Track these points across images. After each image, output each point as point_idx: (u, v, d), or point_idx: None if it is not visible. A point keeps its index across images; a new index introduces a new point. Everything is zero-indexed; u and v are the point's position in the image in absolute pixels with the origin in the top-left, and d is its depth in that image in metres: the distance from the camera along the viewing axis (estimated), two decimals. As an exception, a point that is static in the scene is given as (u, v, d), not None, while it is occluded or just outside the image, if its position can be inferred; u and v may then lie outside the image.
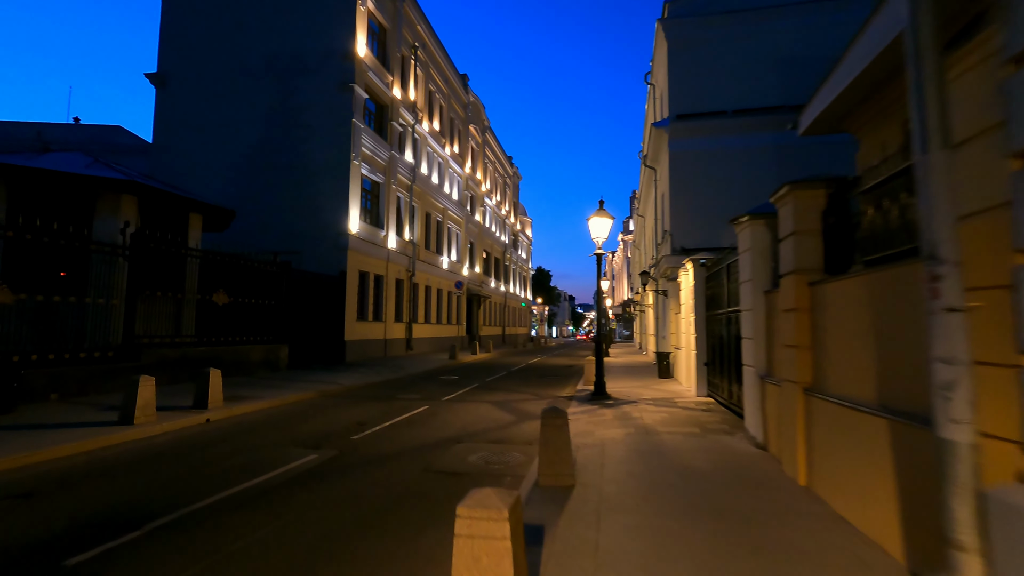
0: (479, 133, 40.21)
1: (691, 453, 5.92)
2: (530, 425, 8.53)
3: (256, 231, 19.88)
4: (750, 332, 6.39)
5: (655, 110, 19.44)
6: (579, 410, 9.65)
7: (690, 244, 14.98)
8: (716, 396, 9.93)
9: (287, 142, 20.71)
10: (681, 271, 12.23)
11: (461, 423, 8.72)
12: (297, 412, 9.62)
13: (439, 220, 30.80)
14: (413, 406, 10.41)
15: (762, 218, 6.28)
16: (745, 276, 6.54)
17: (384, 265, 22.85)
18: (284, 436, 7.58)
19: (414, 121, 26.22)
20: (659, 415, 8.66)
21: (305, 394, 11.31)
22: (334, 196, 19.89)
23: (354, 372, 15.80)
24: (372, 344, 21.74)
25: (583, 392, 11.93)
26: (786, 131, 14.98)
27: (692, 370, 11.11)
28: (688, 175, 15.20)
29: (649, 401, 10.32)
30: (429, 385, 13.96)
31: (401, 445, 7.10)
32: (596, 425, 8.02)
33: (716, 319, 9.82)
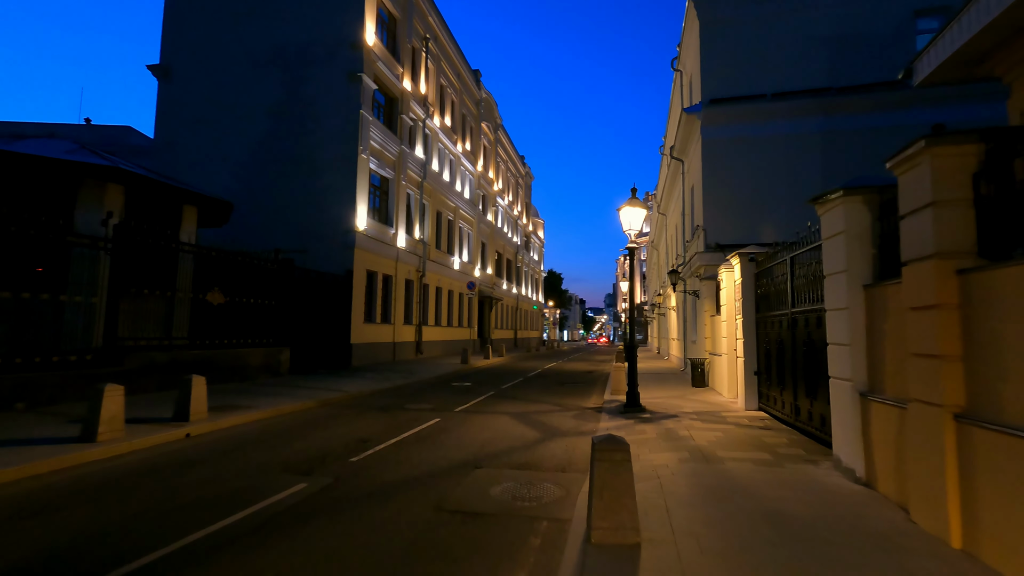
0: (491, 131, 39.15)
1: (774, 491, 4.66)
2: (559, 444, 7.31)
3: (261, 228, 18.92)
4: (842, 337, 5.12)
5: (682, 98, 18.17)
6: (612, 425, 8.40)
7: (726, 240, 13.67)
8: (771, 410, 8.62)
9: (293, 135, 19.74)
10: (722, 268, 10.94)
11: (478, 441, 7.52)
12: (293, 425, 8.48)
13: (450, 219, 29.71)
14: (423, 418, 9.23)
15: (859, 193, 5.01)
16: (834, 267, 5.27)
17: (393, 265, 21.77)
18: (272, 457, 6.42)
19: (425, 116, 25.18)
20: (711, 434, 7.38)
21: (305, 403, 10.18)
22: (341, 191, 18.86)
23: (360, 378, 14.67)
24: (380, 347, 20.64)
25: (612, 403, 10.67)
26: (834, 115, 13.69)
27: (738, 380, 9.80)
28: (722, 165, 13.90)
29: (692, 415, 9.03)
30: (440, 393, 12.78)
31: (409, 470, 5.90)
32: (639, 446, 6.77)
33: (771, 321, 8.53)
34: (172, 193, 11.95)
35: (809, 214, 13.16)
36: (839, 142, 13.36)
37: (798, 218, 13.59)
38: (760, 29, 14.23)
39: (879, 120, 13.19)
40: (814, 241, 6.51)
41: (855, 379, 4.94)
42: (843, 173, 13.52)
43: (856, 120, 13.33)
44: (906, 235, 4.07)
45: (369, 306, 20.03)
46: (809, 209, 13.03)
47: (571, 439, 7.65)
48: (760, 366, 9.16)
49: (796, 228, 13.22)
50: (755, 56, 14.19)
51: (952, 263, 3.63)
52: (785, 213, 13.35)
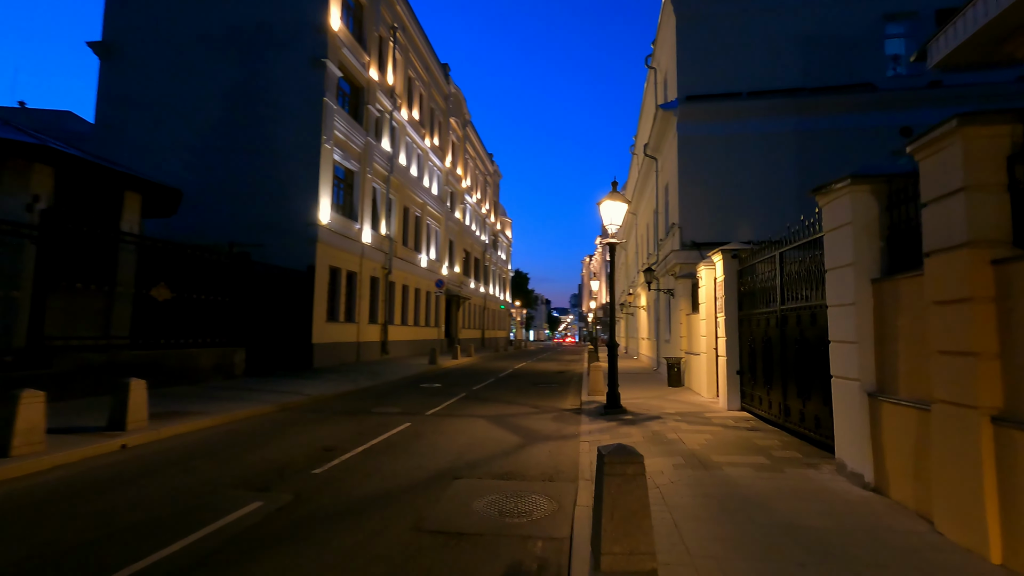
0: (460, 127, 38.43)
1: (784, 502, 4.31)
2: (541, 450, 6.83)
3: (215, 221, 17.73)
4: (847, 334, 4.85)
5: (656, 95, 18.06)
6: (595, 428, 8.00)
7: (701, 238, 13.55)
8: (755, 410, 8.42)
9: (251, 122, 18.57)
10: (701, 266, 10.74)
11: (455, 447, 6.96)
12: (248, 433, 7.69)
13: (418, 215, 28.88)
14: (393, 423, 8.59)
15: (867, 182, 4.74)
16: (839, 260, 4.99)
17: (358, 261, 20.84)
18: (223, 471, 5.68)
19: (392, 108, 24.31)
20: (700, 436, 7.07)
21: (262, 408, 9.35)
22: (303, 183, 17.84)
23: (323, 380, 13.82)
24: (343, 348, 19.70)
25: (591, 404, 10.29)
26: (807, 115, 13.77)
27: (719, 379, 9.59)
28: (698, 162, 13.78)
29: (675, 416, 8.73)
30: (410, 395, 12.12)
31: (380, 483, 5.30)
32: (628, 451, 6.37)
33: (755, 319, 8.32)
34: (111, 177, 10.85)
35: (784, 214, 13.16)
36: (812, 142, 13.44)
37: (773, 217, 13.66)
38: (736, 26, 14.20)
39: (850, 121, 13.35)
40: (808, 235, 6.27)
41: (863, 379, 4.66)
42: (817, 173, 13.59)
43: (828, 121, 13.44)
44: (930, 224, 3.79)
45: (332, 304, 19.07)
46: (784, 209, 13.03)
47: (554, 444, 7.20)
48: (743, 365, 8.96)
49: (771, 227, 13.23)
50: (731, 54, 14.14)
51: (986, 252, 3.35)
52: (760, 212, 13.35)
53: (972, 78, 12.99)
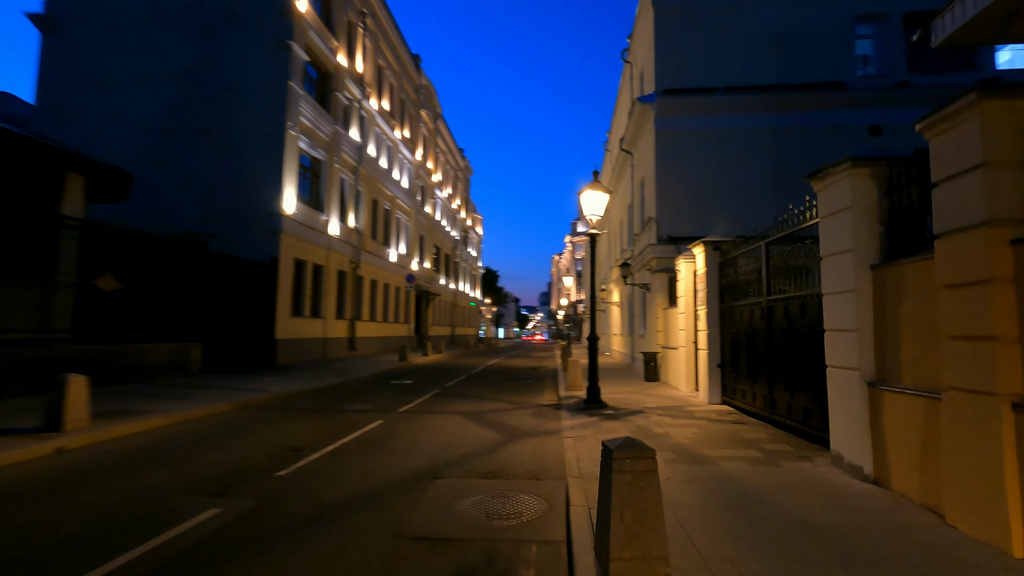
0: (431, 120, 37.71)
1: (788, 496, 4.11)
2: (524, 446, 6.50)
3: (170, 208, 16.69)
4: (845, 322, 4.70)
5: (632, 90, 17.99)
6: (576, 423, 7.73)
7: (678, 233, 13.50)
8: (737, 403, 8.31)
9: (210, 106, 17.53)
10: (681, 259, 10.62)
11: (432, 445, 6.55)
12: (205, 434, 7.07)
13: (387, 208, 28.11)
14: (364, 420, 8.10)
15: (868, 165, 4.60)
16: (837, 246, 4.84)
17: (325, 254, 20.04)
18: (176, 475, 5.12)
19: (361, 96, 23.52)
20: (686, 430, 6.88)
21: (220, 406, 8.69)
22: (266, 171, 16.97)
23: (287, 377, 13.12)
24: (309, 344, 18.90)
25: (570, 399, 10.03)
26: (781, 112, 13.88)
27: (699, 373, 9.49)
28: (676, 157, 13.72)
29: (657, 410, 8.55)
30: (380, 392, 11.60)
31: (353, 485, 4.86)
32: (614, 446, 6.12)
33: (738, 311, 8.21)
34: (50, 156, 9.91)
35: (759, 210, 13.21)
36: (786, 139, 13.56)
37: (748, 213, 13.71)
38: (713, 22, 14.20)
39: (822, 119, 13.53)
40: (798, 224, 6.13)
41: (862, 368, 4.52)
42: (790, 170, 13.76)
43: (801, 118, 13.58)
44: (942, 204, 3.63)
45: (297, 298, 18.25)
46: (759, 205, 13.07)
47: (536, 440, 6.88)
48: (724, 359, 8.86)
49: (747, 223, 13.27)
50: (708, 49, 14.13)
51: (1006, 232, 3.20)
52: (735, 208, 13.39)
53: (937, 80, 13.36)
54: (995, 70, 13.40)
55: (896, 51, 13.73)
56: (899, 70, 13.64)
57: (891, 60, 13.77)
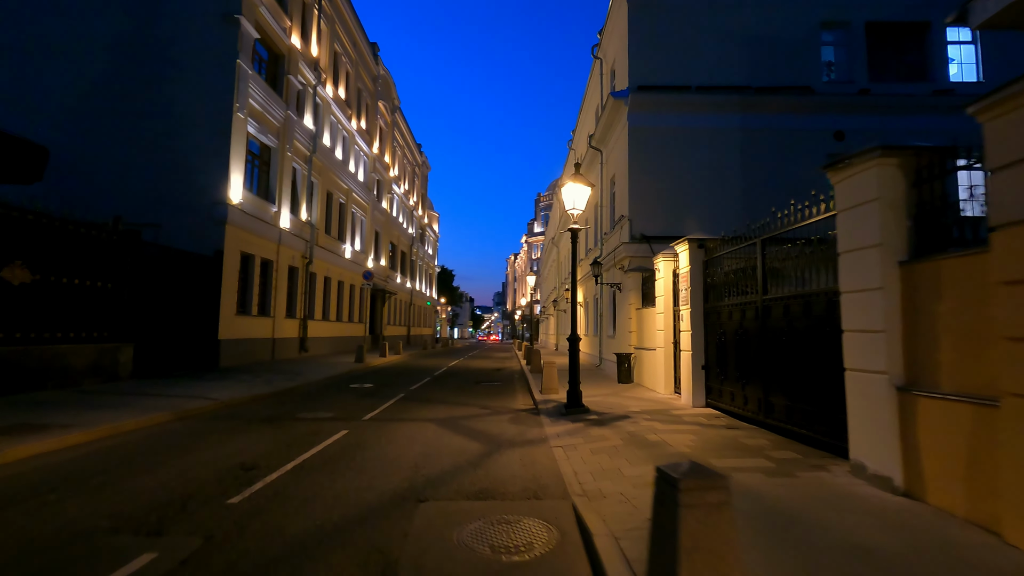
0: (388, 112, 36.40)
1: (823, 513, 3.72)
2: (511, 458, 5.90)
3: (99, 193, 15.01)
4: (871, 322, 4.39)
5: (602, 87, 17.74)
6: (561, 429, 7.21)
7: (651, 232, 13.29)
8: (724, 406, 8.04)
9: (144, 81, 15.88)
10: (660, 257, 10.33)
11: (409, 459, 5.84)
12: (137, 451, 6.04)
13: (342, 202, 26.74)
14: (326, 430, 7.25)
15: (897, 155, 4.30)
16: (860, 241, 4.53)
17: (275, 248, 18.65)
18: (99, 506, 4.19)
19: (316, 82, 22.17)
20: (680, 436, 6.49)
21: (155, 416, 7.58)
22: (210, 156, 15.52)
23: (233, 380, 11.91)
24: (256, 344, 17.50)
25: (548, 403, 9.51)
26: (752, 114, 13.92)
27: (684, 374, 9.18)
28: (648, 154, 13.51)
29: (643, 415, 8.16)
30: (340, 397, 10.67)
31: (324, 513, 4.10)
32: (612, 456, 5.62)
33: (726, 311, 7.94)
34: (-53, 124, 8.41)
35: (729, 211, 13.19)
36: (756, 141, 13.62)
37: (719, 214, 13.67)
38: (686, 19, 14.10)
39: (791, 122, 13.68)
40: (802, 219, 5.85)
41: (891, 371, 4.21)
42: (761, 171, 13.83)
43: (771, 120, 13.68)
44: (1001, 193, 3.32)
45: (244, 295, 16.85)
46: (729, 206, 13.02)
47: (522, 450, 6.29)
48: (709, 360, 8.58)
49: (718, 223, 13.18)
50: (681, 47, 14.02)
51: (1084, 223, 2.89)
52: (707, 208, 13.33)
53: (896, 88, 13.80)
54: (948, 82, 13.99)
55: (858, 59, 14.09)
56: (861, 78, 13.99)
57: (853, 67, 14.11)
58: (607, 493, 4.43)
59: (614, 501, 4.20)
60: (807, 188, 13.97)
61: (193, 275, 14.04)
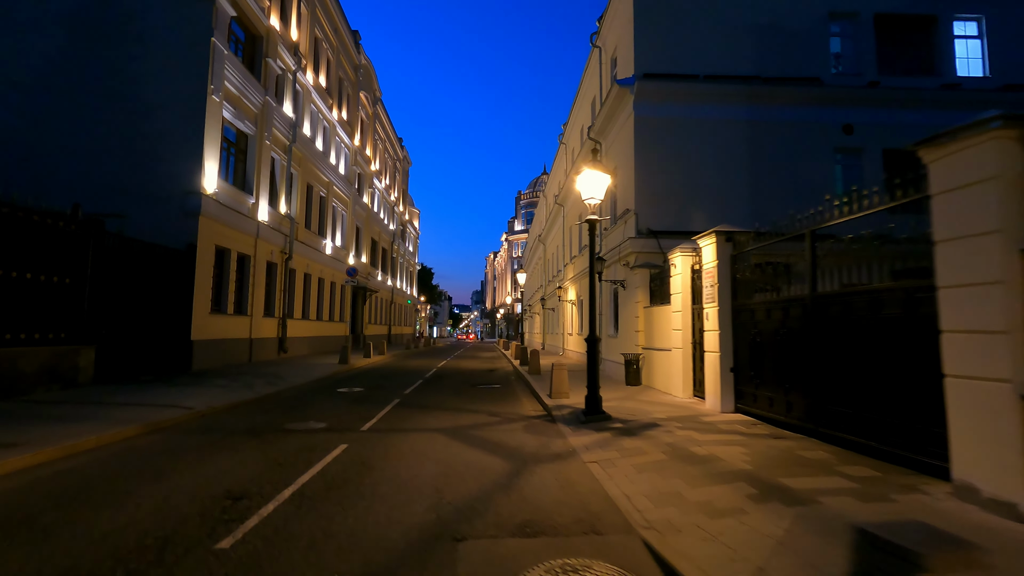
0: (370, 104, 35.17)
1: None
2: (543, 478, 5.13)
3: (57, 181, 13.81)
4: (987, 321, 3.78)
5: (601, 77, 17.07)
6: (588, 440, 6.49)
7: (659, 226, 12.68)
8: (759, 412, 7.43)
9: (107, 59, 14.57)
10: (677, 252, 9.71)
11: (425, 481, 5.02)
12: (99, 475, 5.07)
13: (323, 195, 25.53)
14: (322, 445, 6.36)
15: (1017, 126, 3.68)
16: (970, 227, 3.91)
17: (252, 242, 17.45)
18: (46, 561, 3.26)
19: (296, 67, 20.97)
20: (729, 448, 5.82)
21: (120, 430, 6.57)
22: (181, 141, 14.31)
23: (208, 385, 10.83)
24: (232, 345, 16.31)
25: (562, 409, 8.76)
26: (759, 105, 13.36)
27: (709, 377, 8.56)
28: (655, 145, 12.88)
29: (671, 422, 7.48)
30: (329, 403, 9.74)
31: (340, 562, 3.27)
32: (660, 474, 4.91)
33: (762, 310, 7.32)
34: None
35: (736, 205, 12.67)
36: (764, 133, 13.14)
37: (727, 208, 13.11)
38: (694, 6, 13.54)
39: (799, 114, 13.25)
40: (871, 206, 5.23)
41: (1015, 379, 3.59)
42: (768, 164, 13.31)
43: (778, 112, 13.23)
44: None
45: (219, 292, 15.65)
46: (736, 200, 12.46)
47: (553, 468, 5.53)
48: (739, 362, 7.97)
49: (726, 218, 12.67)
50: (687, 34, 13.46)
51: None
52: (714, 202, 12.80)
53: (905, 82, 13.50)
54: (955, 76, 13.77)
55: (867, 51, 13.75)
56: (869, 70, 13.65)
57: (862, 60, 13.77)
58: (679, 525, 3.71)
59: (695, 537, 3.49)
60: (815, 183, 13.75)
61: (163, 270, 12.85)
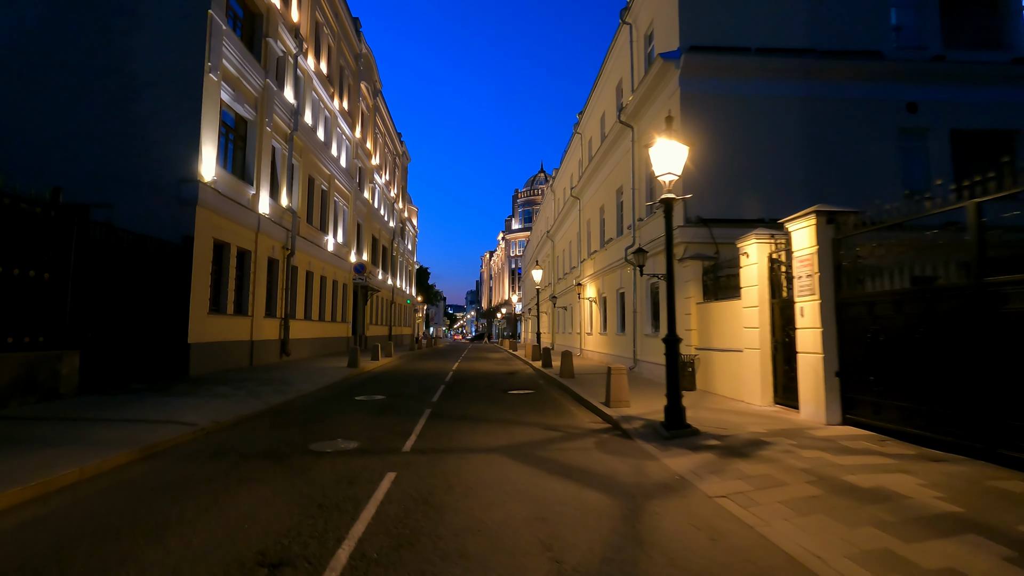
0: (370, 95, 33.79)
1: None
2: (671, 520, 3.89)
3: (35, 165, 12.36)
4: None
5: (633, 55, 15.83)
6: (689, 464, 5.26)
7: (709, 214, 11.50)
8: (882, 424, 6.23)
9: (94, 32, 13.17)
10: (752, 239, 8.53)
11: (520, 528, 3.76)
12: (79, 530, 3.76)
13: (324, 189, 24.14)
14: (363, 474, 5.08)
15: None
16: None
17: (252, 236, 16.08)
18: None
19: (297, 51, 19.60)
20: (894, 477, 4.60)
21: (111, 456, 5.24)
22: (176, 123, 12.93)
23: (210, 395, 9.48)
24: (233, 348, 14.94)
25: (630, 421, 7.51)
26: (815, 81, 11.99)
27: (808, 382, 7.35)
28: (703, 124, 11.69)
29: (775, 436, 6.26)
30: (353, 416, 8.44)
31: None
32: (832, 517, 3.69)
33: (890, 303, 6.12)
34: None
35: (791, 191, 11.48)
36: (820, 112, 12.01)
37: (781, 194, 11.90)
38: (741, -27, 12.35)
39: (858, 91, 12.14)
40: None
41: None
42: (826, 146, 11.88)
43: (836, 89, 12.10)
44: None
45: (218, 290, 14.27)
46: (791, 185, 11.24)
47: (671, 504, 4.29)
48: (848, 365, 6.77)
49: (780, 205, 11.46)
50: (736, 4, 12.29)
51: None
52: (767, 187, 11.67)
53: (972, 56, 12.42)
54: (1025, 50, 12.71)
55: (930, 23, 12.66)
56: (934, 43, 12.56)
57: (924, 32, 12.68)
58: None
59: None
60: (876, 168, 12.57)
61: (157, 266, 11.47)
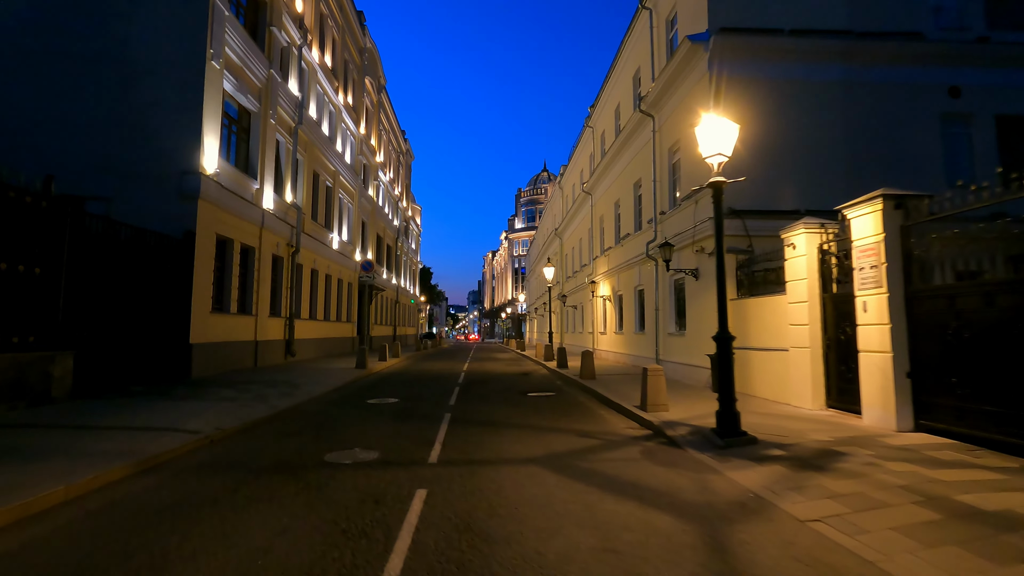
0: (375, 91, 33.15)
1: None
2: (762, 550, 3.25)
3: (32, 159, 11.61)
4: None
5: (653, 40, 15.14)
6: (759, 478, 4.62)
7: (741, 205, 10.84)
8: (968, 432, 5.56)
9: (90, 17, 12.54)
10: (800, 228, 7.89)
11: (590, 567, 3.11)
12: (61, 565, 3.12)
13: (329, 185, 23.51)
14: (389, 491, 4.44)
15: None
16: None
17: (256, 232, 15.45)
18: None
19: (301, 42, 18.97)
20: (1009, 497, 3.95)
21: (104, 471, 4.61)
22: (176, 112, 12.31)
23: (213, 398, 8.85)
24: (236, 349, 14.30)
25: (673, 427, 6.86)
26: (853, 63, 11.14)
27: (874, 386, 6.69)
28: (734, 110, 10.94)
29: (850, 447, 5.60)
30: (367, 422, 7.79)
31: None
32: (966, 550, 3.04)
33: (979, 296, 5.46)
34: None
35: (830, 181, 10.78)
36: (859, 97, 11.33)
37: (819, 184, 11.25)
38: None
39: (899, 75, 11.45)
40: None
41: None
42: (864, 133, 11.05)
43: (875, 72, 11.42)
44: None
45: (220, 288, 13.65)
46: (830, 175, 10.46)
47: (756, 529, 3.64)
48: (921, 365, 6.10)
49: (818, 195, 10.84)
50: (766, -18, 11.60)
51: None
52: (803, 176, 11.00)
53: (1015, 37, 11.73)
54: (1074, 31, 12.00)
55: (973, 3, 11.98)
56: (977, 24, 11.88)
57: (967, 12, 11.99)
58: None
59: None
60: (918, 155, 11.78)
61: (157, 262, 10.85)
